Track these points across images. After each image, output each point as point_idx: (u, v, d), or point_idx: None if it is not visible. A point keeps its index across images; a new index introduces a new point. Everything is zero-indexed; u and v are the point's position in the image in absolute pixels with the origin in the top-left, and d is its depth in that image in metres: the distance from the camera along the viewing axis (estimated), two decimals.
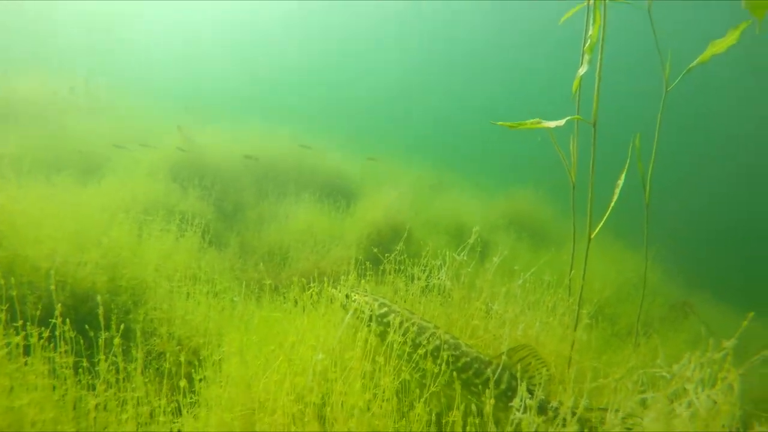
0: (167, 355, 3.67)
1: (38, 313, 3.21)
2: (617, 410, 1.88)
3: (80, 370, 2.47)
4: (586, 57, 3.01)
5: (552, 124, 2.63)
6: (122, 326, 2.62)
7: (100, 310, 2.46)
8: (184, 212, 6.32)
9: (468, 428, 1.87)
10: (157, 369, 3.57)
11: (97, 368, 2.46)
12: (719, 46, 3.59)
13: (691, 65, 3.73)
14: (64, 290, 3.71)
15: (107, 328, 3.42)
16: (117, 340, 2.36)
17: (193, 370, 2.42)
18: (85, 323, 3.72)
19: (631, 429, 1.92)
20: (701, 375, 1.88)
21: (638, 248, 8.53)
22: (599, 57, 2.87)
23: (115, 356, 2.48)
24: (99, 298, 2.46)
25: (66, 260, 3.85)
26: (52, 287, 2.43)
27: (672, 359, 3.27)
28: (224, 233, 7.71)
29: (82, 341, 2.85)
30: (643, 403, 1.94)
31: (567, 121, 2.84)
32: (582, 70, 3.02)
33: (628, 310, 6.32)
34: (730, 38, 3.55)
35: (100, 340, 2.42)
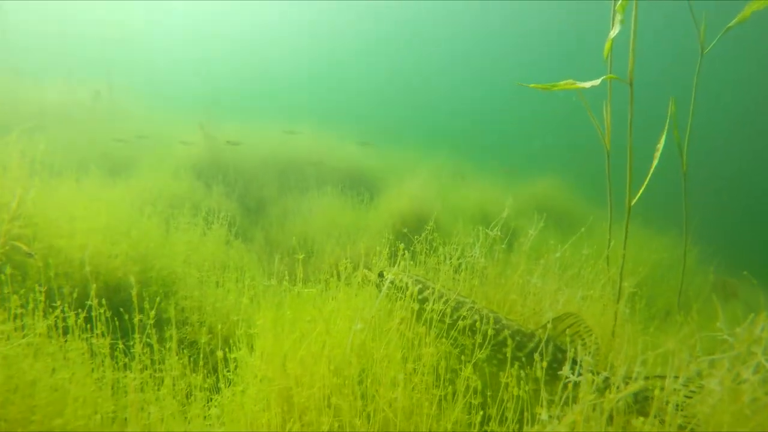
0: (200, 343, 3.68)
1: (74, 297, 3.25)
2: (676, 376, 1.77)
3: (116, 352, 2.47)
4: (618, 17, 2.87)
5: (587, 84, 2.52)
6: (153, 314, 2.61)
7: (134, 292, 2.45)
8: (209, 208, 6.37)
9: (520, 393, 1.78)
10: (190, 356, 3.58)
11: (132, 350, 2.46)
12: (760, 2, 3.40)
13: (730, 24, 3.55)
14: (98, 280, 3.74)
15: (141, 311, 3.45)
16: (151, 320, 2.35)
17: (227, 348, 2.39)
18: (119, 314, 3.77)
19: (692, 395, 1.81)
20: None
21: (667, 232, 8.25)
22: (633, 13, 2.73)
23: (149, 338, 2.48)
24: (132, 279, 2.45)
25: (98, 252, 3.89)
26: (87, 269, 2.41)
27: (713, 341, 3.11)
28: (249, 228, 7.75)
29: (117, 324, 2.86)
30: (703, 371, 1.82)
31: (600, 84, 2.72)
32: (614, 32, 2.88)
33: (665, 290, 6.12)
34: None
35: (135, 321, 2.41)
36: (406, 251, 3.53)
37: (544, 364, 1.98)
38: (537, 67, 41.91)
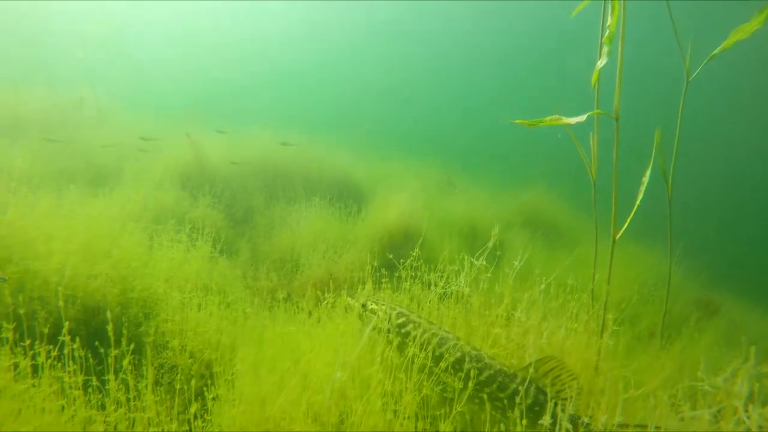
0: (179, 368, 3.60)
1: (48, 329, 3.16)
2: (657, 428, 1.75)
3: (90, 389, 2.40)
4: (605, 49, 2.88)
5: (572, 120, 2.51)
6: (132, 344, 2.55)
7: (110, 327, 2.39)
8: (194, 220, 6.28)
9: None
10: (170, 383, 3.50)
11: (107, 387, 2.39)
12: (743, 31, 3.44)
13: (714, 52, 3.59)
14: (75, 304, 3.65)
15: (117, 343, 3.36)
16: (126, 361, 2.28)
17: (205, 388, 2.33)
18: (97, 337, 3.68)
19: None
20: (749, 389, 1.74)
21: (656, 247, 8.31)
22: (619, 48, 2.74)
23: (126, 374, 2.41)
24: (109, 314, 2.37)
25: (77, 273, 3.80)
26: (61, 304, 2.34)
27: (700, 363, 3.11)
28: (235, 240, 7.67)
29: (91, 359, 2.79)
30: (683, 420, 1.81)
31: (587, 117, 2.71)
32: (601, 63, 2.89)
33: (650, 310, 6.15)
34: (755, 23, 3.40)
35: (110, 359, 2.35)
36: (389, 280, 3.50)
37: (522, 407, 1.95)
38: (532, 78, 42.28)
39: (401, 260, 3.51)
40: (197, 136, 9.96)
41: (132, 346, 2.57)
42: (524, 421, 1.87)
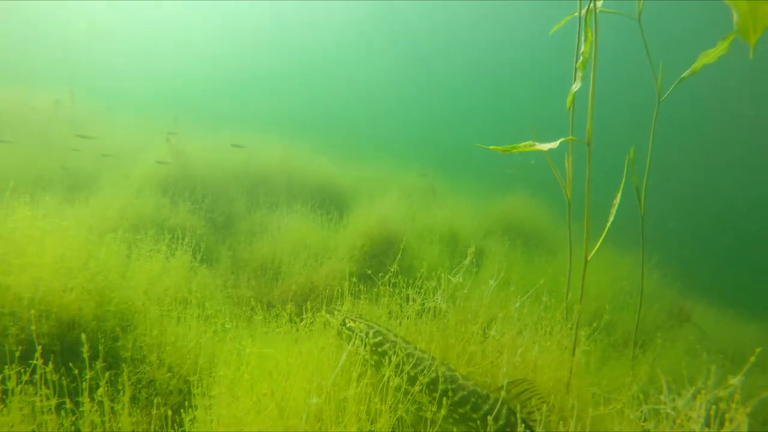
0: (157, 383, 3.58)
1: (20, 347, 3.12)
2: None
3: (63, 411, 2.38)
4: (579, 74, 2.97)
5: (545, 146, 2.58)
6: (107, 362, 2.53)
7: (84, 348, 2.37)
8: (174, 228, 6.22)
9: None
10: (147, 398, 3.47)
11: (81, 409, 2.37)
12: (710, 56, 3.57)
13: (683, 75, 3.72)
14: (49, 319, 3.60)
15: (93, 359, 3.33)
16: (103, 383, 2.27)
17: (182, 409, 2.33)
18: (72, 352, 3.63)
19: None
20: (706, 412, 1.83)
21: (633, 253, 8.50)
22: (591, 76, 2.82)
23: (101, 396, 2.40)
24: (83, 336, 2.36)
25: (51, 287, 3.74)
26: (33, 328, 2.32)
27: (671, 372, 3.21)
28: (216, 247, 7.61)
29: (65, 377, 2.76)
30: None
31: (560, 143, 2.79)
32: (575, 87, 2.98)
33: (625, 318, 6.30)
34: (720, 49, 3.53)
35: (84, 382, 2.33)
36: (368, 293, 3.53)
37: (495, 428, 2.01)
38: (517, 86, 42.79)
39: (381, 273, 3.55)
40: (180, 140, 9.86)
41: (105, 366, 2.56)
42: None
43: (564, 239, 10.69)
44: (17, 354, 2.58)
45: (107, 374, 2.55)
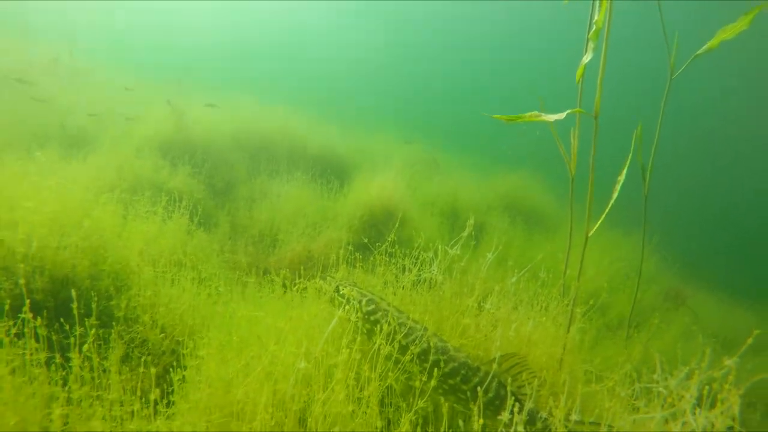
0: (150, 343, 3.59)
1: (11, 302, 3.10)
2: (610, 426, 1.80)
3: (53, 366, 2.37)
4: (591, 44, 2.84)
5: (551, 117, 2.49)
6: (101, 319, 2.51)
7: (75, 306, 2.34)
8: (173, 191, 6.15)
9: None
10: (140, 357, 3.49)
11: (71, 364, 2.36)
12: (729, 32, 3.43)
13: (698, 52, 3.58)
14: (42, 275, 3.57)
15: (87, 316, 3.32)
16: (91, 339, 2.25)
17: (171, 369, 2.32)
18: (65, 309, 3.62)
19: None
20: (698, 392, 1.80)
21: (632, 235, 8.46)
22: (603, 47, 2.70)
23: (90, 351, 2.39)
24: (74, 292, 2.33)
25: (45, 244, 3.70)
26: (22, 282, 2.28)
27: (665, 353, 3.20)
28: (215, 212, 7.57)
29: (57, 333, 2.75)
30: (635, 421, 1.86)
31: (566, 114, 2.69)
32: (586, 58, 2.86)
33: (621, 299, 6.29)
34: (741, 24, 3.39)
35: (73, 338, 2.31)
36: (363, 263, 3.50)
37: (484, 400, 1.99)
38: (525, 61, 41.80)
39: (378, 243, 3.51)
40: (180, 103, 9.70)
41: (98, 324, 2.54)
42: (481, 420, 1.91)
43: (564, 219, 10.60)
44: (6, 308, 2.56)
45: (94, 331, 2.53)
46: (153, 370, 2.18)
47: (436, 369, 2.05)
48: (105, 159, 6.79)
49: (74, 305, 2.31)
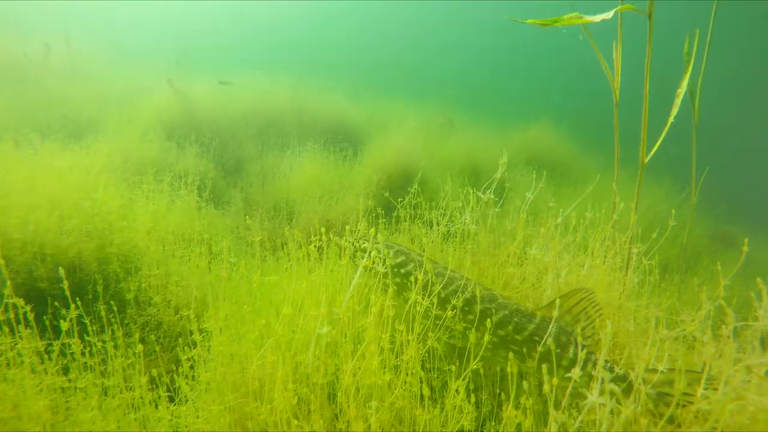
0: (164, 325, 3.36)
1: (8, 291, 2.87)
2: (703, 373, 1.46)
3: (51, 354, 2.12)
4: None
5: (597, 18, 2.06)
6: (110, 303, 2.25)
7: (65, 285, 2.07)
8: (181, 171, 5.89)
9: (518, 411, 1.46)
10: (156, 340, 3.26)
11: (71, 351, 2.11)
12: None
13: None
14: (45, 262, 3.35)
15: (95, 301, 3.09)
16: (86, 320, 1.98)
17: (178, 349, 2.05)
18: (74, 296, 3.40)
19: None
20: None
21: (663, 179, 7.91)
22: None
23: (95, 335, 2.14)
24: (61, 271, 2.05)
25: (46, 229, 3.48)
26: (1, 262, 2.02)
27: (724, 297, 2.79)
28: (226, 190, 7.31)
29: (56, 322, 2.51)
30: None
31: (614, 14, 2.25)
32: None
33: (664, 244, 5.85)
34: None
35: (70, 318, 2.05)
36: (386, 220, 3.16)
37: (542, 350, 1.68)
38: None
39: (399, 199, 3.16)
40: (183, 83, 9.37)
41: (107, 308, 2.29)
42: (539, 364, 1.58)
43: (590, 170, 10.00)
44: (4, 295, 2.31)
45: (75, 313, 2.27)
46: (157, 348, 1.91)
47: (488, 320, 1.71)
48: (109, 145, 6.54)
49: (65, 284, 2.03)
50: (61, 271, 2.08)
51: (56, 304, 2.73)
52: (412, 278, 2.04)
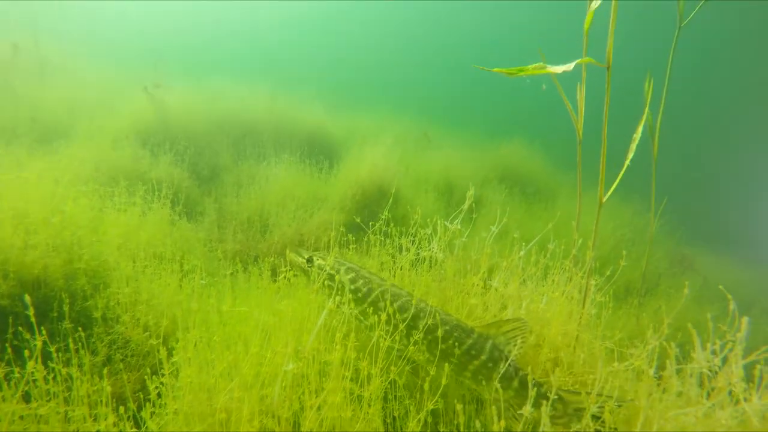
0: (132, 344, 3.33)
1: None
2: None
3: (12, 380, 2.10)
4: None
5: (559, 69, 2.19)
6: (79, 321, 2.23)
7: (31, 312, 2.06)
8: (153, 181, 5.83)
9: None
10: (123, 359, 3.24)
11: (33, 374, 2.10)
12: None
13: None
14: (8, 278, 3.29)
15: (61, 319, 3.05)
16: (54, 347, 1.98)
17: (146, 377, 2.06)
18: (37, 313, 3.35)
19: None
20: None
21: (631, 200, 8.22)
22: None
23: (55, 361, 2.13)
24: (27, 298, 2.05)
25: (9, 244, 3.41)
26: None
27: (677, 320, 2.96)
28: (200, 200, 7.26)
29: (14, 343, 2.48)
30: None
31: (575, 66, 2.39)
32: (596, 4, 2.55)
33: (626, 267, 6.09)
34: None
35: (35, 344, 2.05)
36: (357, 244, 3.24)
37: (477, 363, 1.86)
38: (509, 36, 40.75)
39: (371, 222, 3.24)
40: (159, 89, 9.25)
41: (73, 327, 2.28)
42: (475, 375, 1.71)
43: (562, 187, 10.30)
44: None
45: (40, 341, 2.26)
46: (125, 376, 1.93)
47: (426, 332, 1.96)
48: (79, 151, 6.42)
49: (30, 311, 2.03)
50: (27, 298, 2.08)
51: (19, 328, 2.69)
52: (360, 294, 2.20)
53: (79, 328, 2.54)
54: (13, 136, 5.96)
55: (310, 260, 2.69)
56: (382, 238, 3.01)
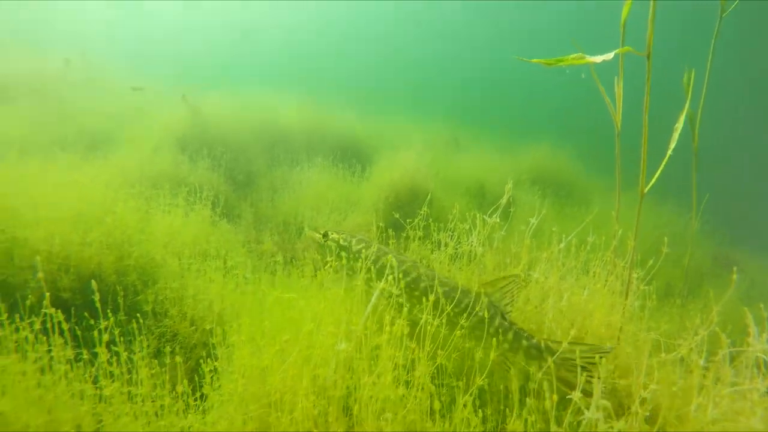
0: (180, 336, 3.48)
1: (33, 300, 3.02)
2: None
3: (81, 362, 2.25)
4: None
5: (598, 58, 2.21)
6: (130, 314, 2.37)
7: (96, 297, 2.21)
8: (193, 185, 6.06)
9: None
10: (171, 352, 3.39)
11: (99, 359, 2.24)
12: None
13: None
14: (69, 273, 3.50)
15: (115, 311, 3.22)
16: (117, 332, 2.12)
17: (201, 360, 2.17)
18: (94, 305, 3.54)
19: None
20: None
21: (665, 203, 8.00)
22: None
23: (118, 345, 2.26)
24: (93, 284, 2.19)
25: (69, 241, 3.63)
26: (40, 275, 2.16)
27: (724, 316, 2.89)
28: (237, 204, 7.48)
29: (78, 332, 2.65)
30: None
31: (614, 55, 2.41)
32: None
33: (666, 267, 5.95)
34: None
35: (95, 331, 2.19)
36: (396, 240, 3.30)
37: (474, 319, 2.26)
38: (543, 34, 40.29)
39: (408, 220, 3.30)
40: (195, 99, 9.61)
41: (127, 320, 2.42)
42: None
43: (596, 189, 10.11)
44: (28, 305, 2.46)
45: (126, 327, 2.40)
46: (178, 359, 2.04)
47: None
48: (124, 157, 6.74)
49: (95, 297, 2.17)
50: (93, 284, 2.22)
51: (86, 314, 2.86)
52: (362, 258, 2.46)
53: (138, 315, 2.68)
54: (66, 143, 6.30)
55: (326, 235, 3.00)
56: (421, 234, 3.06)
